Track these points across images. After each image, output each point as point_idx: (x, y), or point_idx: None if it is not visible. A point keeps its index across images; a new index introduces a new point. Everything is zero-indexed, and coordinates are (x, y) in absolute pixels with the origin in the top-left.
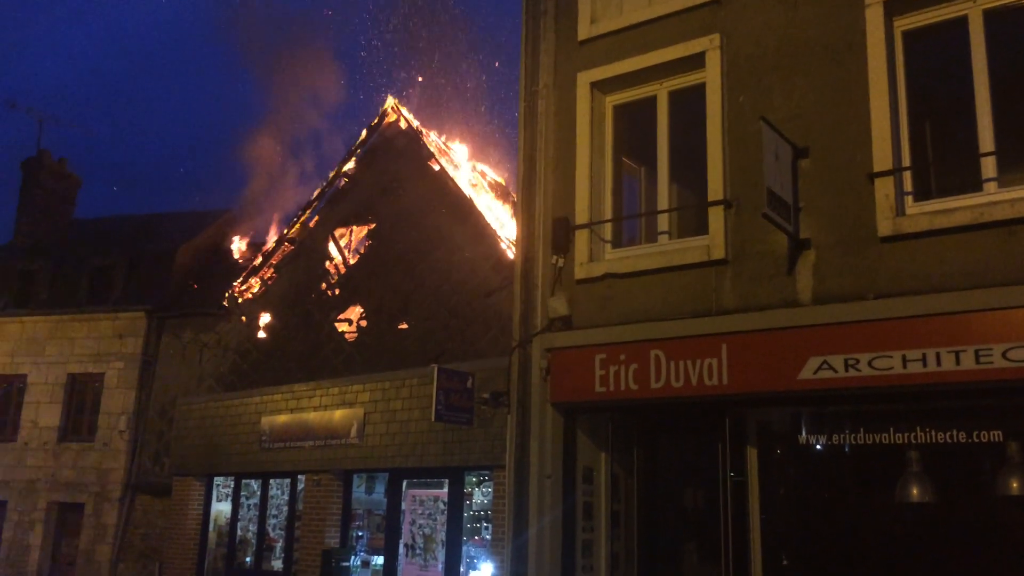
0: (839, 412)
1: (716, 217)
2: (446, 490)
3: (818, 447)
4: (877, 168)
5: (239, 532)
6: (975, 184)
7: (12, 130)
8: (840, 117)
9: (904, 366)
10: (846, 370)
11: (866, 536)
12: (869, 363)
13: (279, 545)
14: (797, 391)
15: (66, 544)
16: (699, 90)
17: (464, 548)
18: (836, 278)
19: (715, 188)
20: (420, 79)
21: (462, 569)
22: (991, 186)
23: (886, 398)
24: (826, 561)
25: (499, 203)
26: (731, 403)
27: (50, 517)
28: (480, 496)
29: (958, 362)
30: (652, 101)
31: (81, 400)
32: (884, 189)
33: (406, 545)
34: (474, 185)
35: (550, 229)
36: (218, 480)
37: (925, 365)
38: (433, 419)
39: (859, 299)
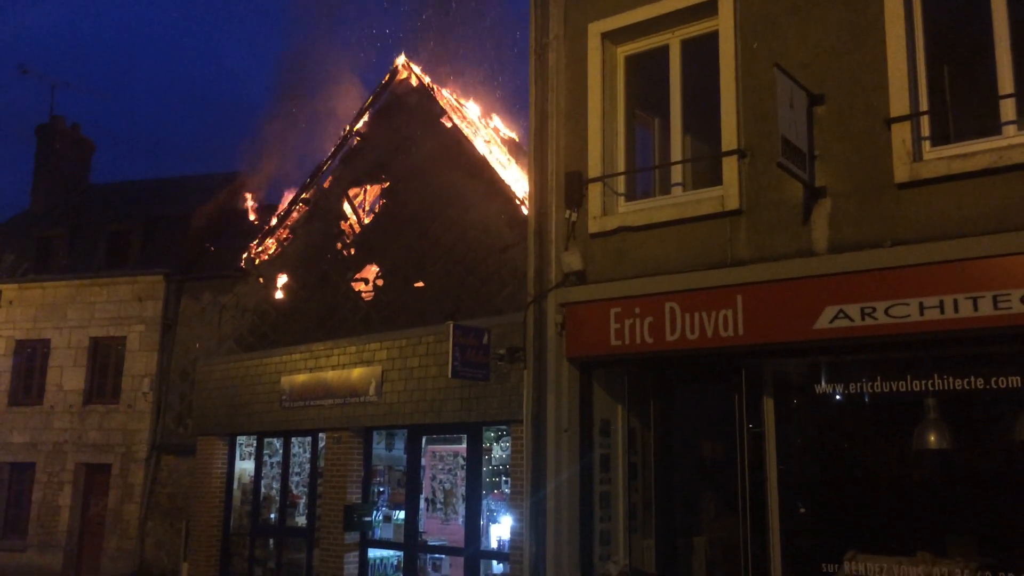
0: (856, 361)
1: (730, 167)
2: (465, 445)
3: (835, 397)
4: (894, 113)
5: (263, 490)
6: (994, 127)
7: (25, 96)
8: (856, 62)
9: (921, 313)
10: (862, 319)
11: (884, 484)
12: (886, 311)
13: (302, 502)
14: (813, 341)
15: (95, 504)
16: (712, 38)
17: (484, 502)
18: (852, 226)
19: (729, 138)
20: (432, 34)
21: (482, 522)
22: (1010, 129)
23: (903, 346)
24: (843, 510)
25: (513, 159)
26: (747, 354)
27: (78, 478)
28: (499, 451)
29: (976, 308)
30: (664, 51)
31: (104, 363)
32: (901, 134)
33: (427, 500)
34: (488, 141)
35: (563, 183)
36: (241, 439)
37: (943, 312)
38: (450, 375)
39: (876, 247)
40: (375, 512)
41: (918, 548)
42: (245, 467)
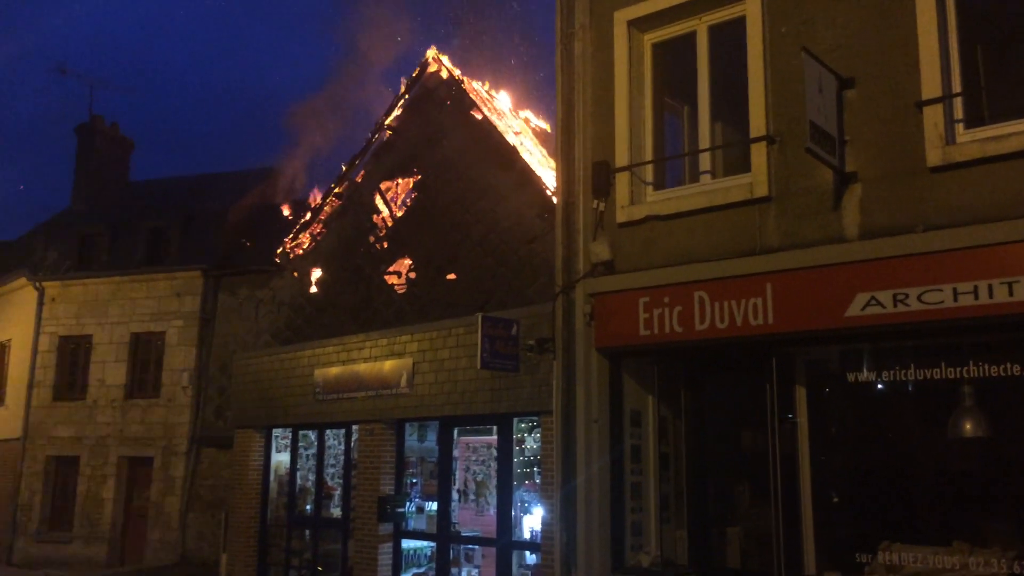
0: (889, 348)
1: (759, 154)
2: (496, 437)
3: (868, 385)
4: (926, 96)
5: (299, 481)
6: None
7: (64, 96)
8: (886, 44)
9: (955, 299)
10: (895, 305)
11: (918, 473)
12: (919, 297)
13: (337, 493)
14: (845, 328)
15: (137, 496)
16: (739, 23)
17: (517, 493)
18: (884, 211)
19: (757, 124)
20: (462, 26)
21: (515, 513)
22: None
23: (937, 333)
24: (878, 499)
25: (543, 149)
26: (777, 343)
27: (121, 471)
28: (532, 442)
29: (1011, 293)
30: (691, 37)
31: (145, 358)
32: (933, 117)
33: (459, 491)
34: (518, 133)
35: (590, 173)
36: (277, 432)
37: (977, 298)
38: (479, 366)
39: (908, 232)
40: (408, 503)
41: (954, 538)
42: (281, 459)
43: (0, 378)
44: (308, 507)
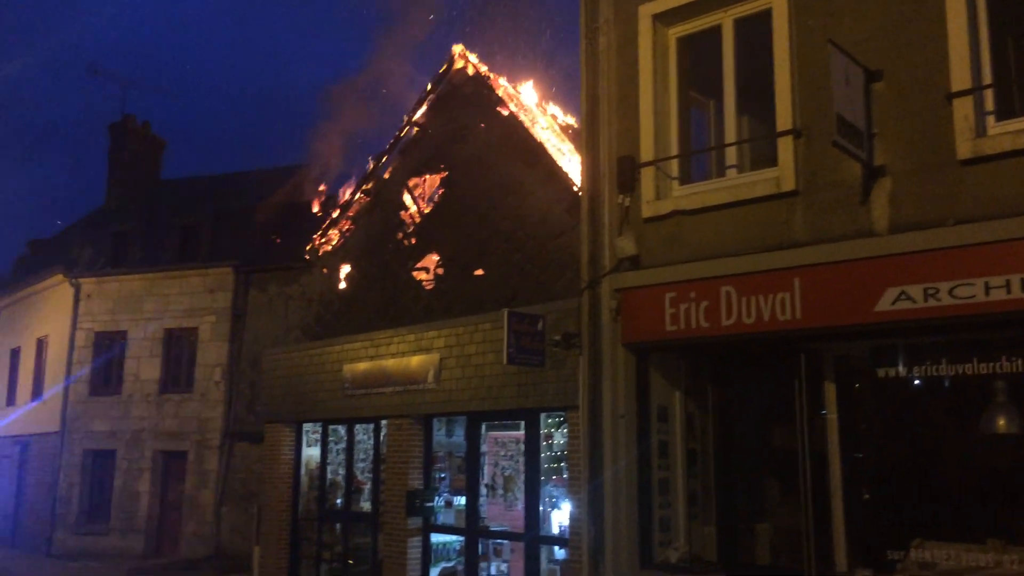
0: (919, 344)
1: (785, 147)
2: (523, 432)
3: (899, 380)
4: (955, 87)
5: (329, 475)
6: None
7: (97, 96)
8: (915, 36)
9: (987, 293)
10: (925, 300)
11: (951, 470)
12: (950, 292)
13: (367, 487)
14: (874, 324)
15: (172, 490)
16: (766, 16)
17: (546, 488)
18: (913, 205)
19: (784, 117)
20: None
21: (543, 508)
22: None
23: (968, 327)
24: (909, 496)
25: (570, 145)
26: (805, 338)
27: (156, 465)
28: (560, 437)
29: None
30: (717, 31)
31: (178, 353)
32: (963, 109)
33: (487, 486)
34: (546, 128)
35: (615, 168)
36: (307, 426)
37: (1009, 292)
38: (505, 362)
39: (938, 226)
40: (436, 498)
41: (988, 535)
42: (312, 453)
43: (38, 373)
44: (338, 501)
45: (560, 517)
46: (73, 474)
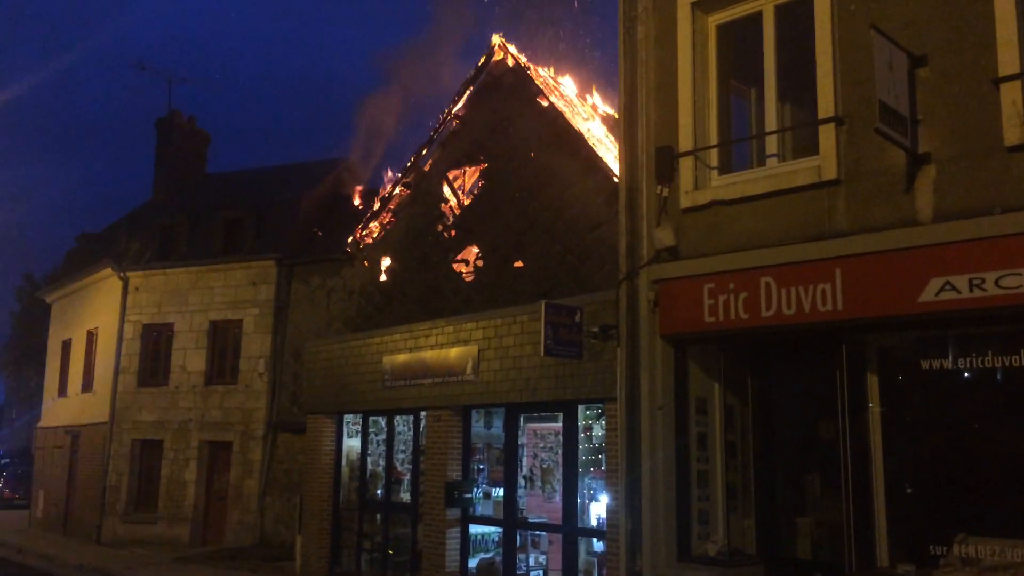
0: (964, 335)
1: (827, 135)
2: (561, 424)
3: (943, 372)
4: (1003, 72)
5: (369, 466)
6: None
7: (144, 92)
8: (961, 20)
9: None
10: (971, 290)
11: (996, 464)
12: (996, 282)
13: (406, 478)
14: (918, 315)
15: (218, 479)
16: (807, 1)
17: (585, 480)
18: (958, 193)
19: (825, 105)
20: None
21: (581, 500)
22: None
23: (1015, 318)
24: (954, 491)
25: (611, 136)
26: (847, 329)
27: (202, 455)
28: (599, 429)
29: None
30: (757, 17)
31: (223, 345)
32: (1011, 94)
33: (525, 477)
34: (585, 119)
35: (653, 158)
36: (348, 418)
37: None
38: (542, 354)
39: (984, 214)
40: (475, 489)
41: None
42: (352, 444)
43: (88, 365)
44: (378, 492)
45: (598, 509)
46: (122, 464)
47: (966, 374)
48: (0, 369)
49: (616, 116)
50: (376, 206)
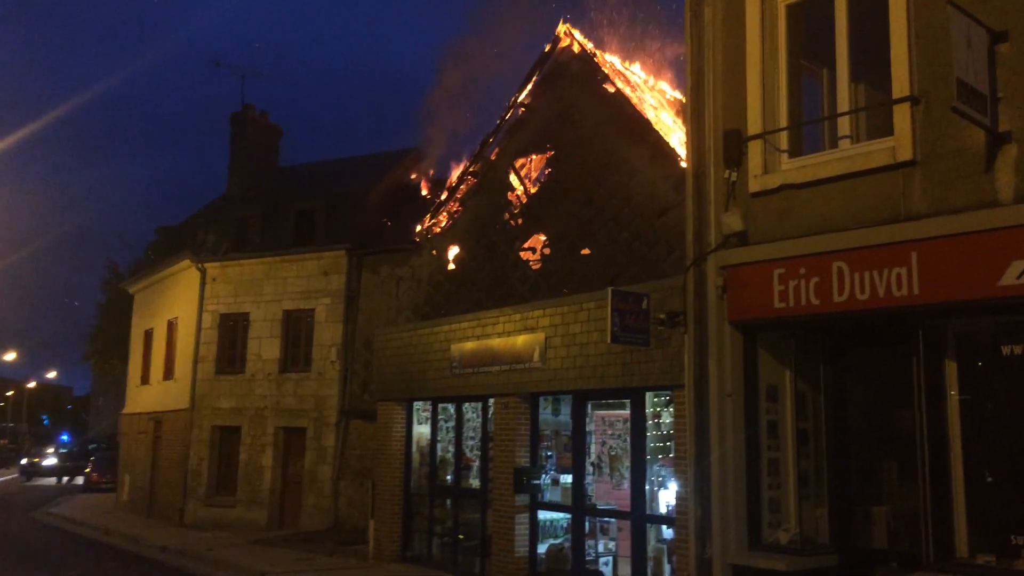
0: None
1: (902, 115)
2: (628, 411)
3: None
4: None
5: (439, 452)
6: None
7: (218, 87)
8: None
9: None
10: None
11: None
12: None
13: (475, 464)
14: (998, 298)
15: (292, 464)
16: None
17: (654, 467)
18: None
19: (900, 84)
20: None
21: (649, 488)
22: None
23: None
24: None
25: (678, 121)
26: (923, 314)
27: (277, 441)
28: (667, 416)
29: None
30: None
31: (296, 334)
32: None
33: (593, 464)
34: (655, 107)
35: (721, 142)
36: (417, 404)
37: None
38: (609, 340)
39: None
40: (543, 475)
41: None
42: (422, 431)
43: (169, 353)
44: (448, 477)
45: (667, 496)
46: (202, 449)
47: None
48: (88, 358)
49: (684, 101)
50: (444, 195)
